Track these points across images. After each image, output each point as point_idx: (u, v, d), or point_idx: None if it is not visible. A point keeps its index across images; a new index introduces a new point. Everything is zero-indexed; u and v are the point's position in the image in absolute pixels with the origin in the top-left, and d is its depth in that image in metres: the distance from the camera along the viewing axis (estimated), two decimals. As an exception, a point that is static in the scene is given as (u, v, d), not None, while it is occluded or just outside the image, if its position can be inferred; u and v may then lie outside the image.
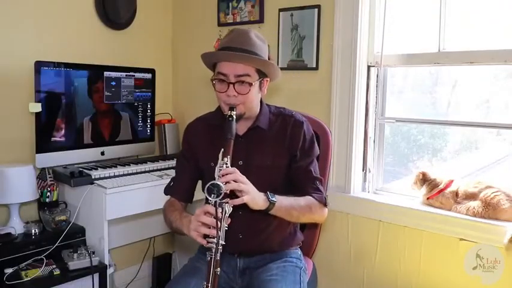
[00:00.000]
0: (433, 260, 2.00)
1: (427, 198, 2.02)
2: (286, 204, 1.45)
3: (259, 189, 1.42)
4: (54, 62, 2.20)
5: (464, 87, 2.12)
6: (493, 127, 2.02)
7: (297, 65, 2.37)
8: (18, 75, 2.24)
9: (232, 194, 1.34)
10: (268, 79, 1.55)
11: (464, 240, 1.88)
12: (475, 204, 1.87)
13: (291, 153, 1.56)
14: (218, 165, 1.34)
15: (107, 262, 2.13)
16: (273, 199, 1.41)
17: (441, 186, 1.99)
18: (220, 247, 1.30)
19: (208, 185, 1.28)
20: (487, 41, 1.92)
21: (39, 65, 2.12)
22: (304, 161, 1.56)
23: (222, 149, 1.36)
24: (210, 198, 1.27)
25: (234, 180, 1.32)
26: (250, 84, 1.45)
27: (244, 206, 1.37)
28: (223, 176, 1.31)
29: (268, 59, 1.52)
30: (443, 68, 2.09)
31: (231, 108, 1.46)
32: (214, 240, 1.29)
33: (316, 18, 2.27)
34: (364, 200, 2.20)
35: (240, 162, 1.52)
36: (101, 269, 2.08)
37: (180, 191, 1.63)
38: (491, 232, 1.80)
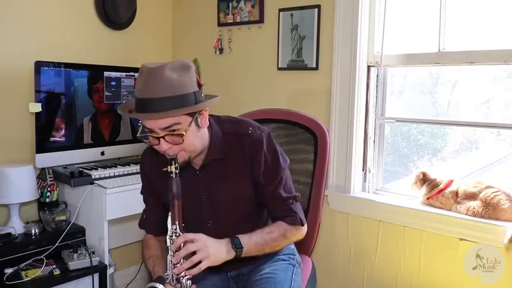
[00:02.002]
0: (433, 260, 2.00)
1: (427, 198, 2.02)
2: (256, 243, 1.35)
3: (229, 221, 1.38)
4: (54, 62, 2.20)
5: (464, 87, 2.12)
6: (493, 127, 2.02)
7: (297, 65, 2.37)
8: (18, 75, 2.23)
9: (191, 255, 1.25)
10: (207, 109, 1.31)
11: (464, 240, 1.88)
12: (475, 204, 1.87)
13: (255, 179, 1.39)
14: (168, 235, 1.24)
15: (107, 262, 2.13)
16: (239, 246, 1.31)
17: (441, 186, 1.99)
18: None
19: (147, 286, 1.21)
20: (487, 41, 1.92)
21: (39, 65, 2.12)
22: (270, 185, 1.40)
23: (170, 213, 1.25)
24: None
25: (188, 254, 1.23)
26: (182, 135, 1.23)
27: (214, 232, 1.33)
28: (175, 252, 1.23)
29: (198, 83, 1.28)
30: (443, 68, 2.09)
31: (171, 160, 1.25)
32: None
33: (316, 18, 2.27)
34: (364, 200, 2.20)
35: (204, 197, 1.41)
36: (101, 269, 2.09)
37: (153, 226, 1.51)
38: (491, 232, 1.80)
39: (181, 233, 1.25)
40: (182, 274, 1.23)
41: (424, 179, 2.04)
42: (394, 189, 2.24)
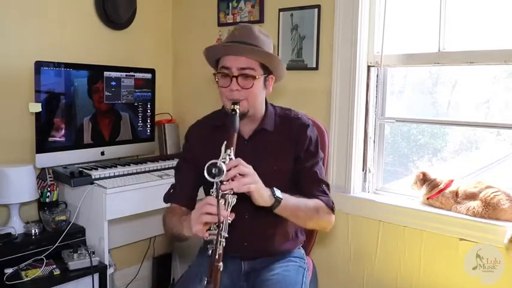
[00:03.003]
0: (433, 260, 2.00)
1: (427, 198, 2.02)
2: (293, 204, 1.39)
3: None
4: (54, 62, 2.20)
5: (464, 87, 2.12)
6: (493, 127, 2.03)
7: (297, 65, 2.37)
8: (18, 75, 2.24)
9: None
10: (274, 77, 1.51)
11: (464, 240, 1.88)
12: (475, 204, 1.87)
13: (296, 154, 1.52)
14: (220, 158, 1.25)
15: (107, 262, 2.13)
16: (279, 196, 1.34)
17: (441, 186, 1.99)
18: (223, 239, 1.21)
19: (208, 164, 1.19)
20: (486, 41, 1.92)
21: (39, 65, 2.12)
22: (309, 162, 1.53)
23: (225, 142, 1.29)
24: (209, 179, 1.19)
25: (239, 174, 1.25)
26: (254, 78, 1.41)
27: (251, 209, 1.33)
28: (227, 171, 1.22)
29: None
30: (443, 68, 2.09)
31: (234, 103, 1.41)
32: (216, 231, 1.21)
33: (316, 18, 2.27)
34: (364, 200, 2.20)
35: None
36: (101, 269, 2.08)
37: (181, 198, 1.53)
38: (491, 232, 1.80)
39: (233, 158, 1.27)
40: (227, 192, 1.24)
41: (424, 179, 2.04)
42: (394, 189, 2.24)
